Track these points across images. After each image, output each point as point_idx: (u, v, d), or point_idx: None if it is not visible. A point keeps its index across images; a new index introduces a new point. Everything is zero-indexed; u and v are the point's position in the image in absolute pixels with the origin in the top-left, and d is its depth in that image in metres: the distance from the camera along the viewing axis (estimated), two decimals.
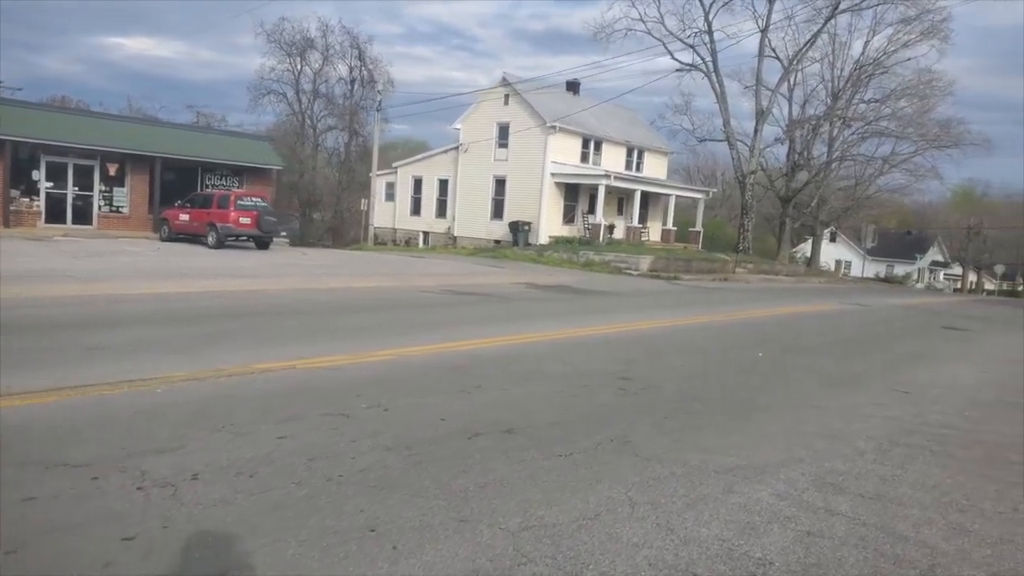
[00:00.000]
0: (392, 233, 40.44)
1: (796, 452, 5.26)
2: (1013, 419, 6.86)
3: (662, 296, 18.72)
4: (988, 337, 14.01)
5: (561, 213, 34.63)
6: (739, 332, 12.08)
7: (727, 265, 32.42)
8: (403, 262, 23.82)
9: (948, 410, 7.02)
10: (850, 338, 12.30)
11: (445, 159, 37.67)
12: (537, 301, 14.86)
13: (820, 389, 7.63)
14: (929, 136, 40.32)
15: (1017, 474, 5.15)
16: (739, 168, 38.40)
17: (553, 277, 21.43)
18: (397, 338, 8.73)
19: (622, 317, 12.86)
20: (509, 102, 34.51)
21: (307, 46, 71.94)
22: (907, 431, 6.09)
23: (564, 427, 5.46)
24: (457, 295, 14.54)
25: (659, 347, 9.69)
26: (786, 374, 8.37)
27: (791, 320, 14.81)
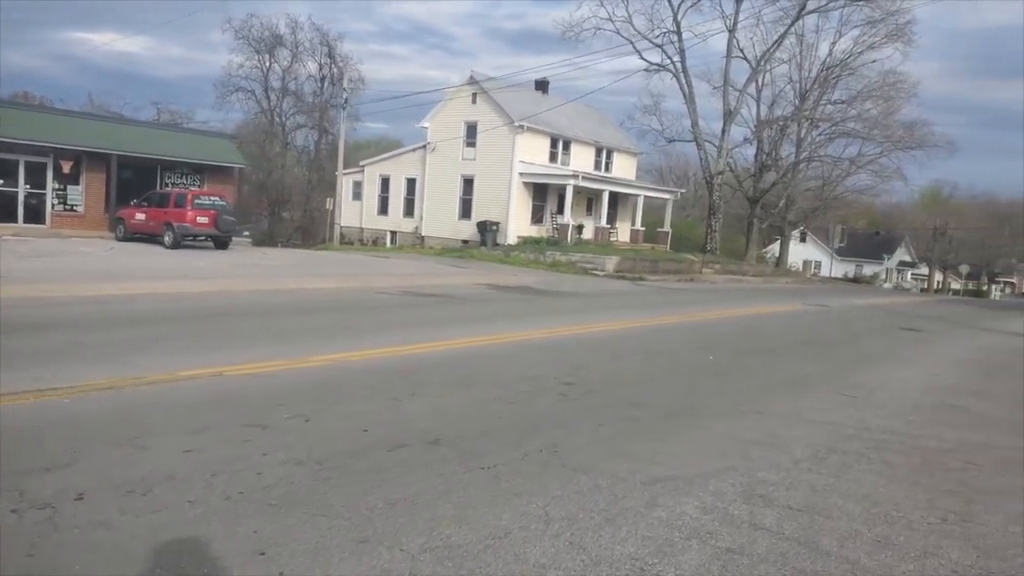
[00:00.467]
0: (359, 233, 40.02)
1: (730, 460, 5.12)
2: (955, 423, 6.79)
3: (624, 297, 18.63)
4: (943, 338, 14.07)
5: (530, 213, 34.48)
6: (695, 334, 11.99)
7: (694, 266, 32.48)
8: (365, 262, 23.50)
9: (892, 415, 6.94)
10: (806, 340, 12.27)
11: (413, 158, 37.35)
12: (496, 303, 14.68)
13: (766, 393, 7.52)
14: (894, 137, 40.78)
15: (952, 481, 5.06)
16: (707, 168, 38.55)
17: (517, 278, 21.26)
18: (341, 342, 8.50)
19: (579, 319, 12.72)
20: (477, 101, 34.28)
21: (276, 43, 71.05)
22: (847, 437, 5.99)
23: (494, 436, 5.27)
24: (415, 296, 14.31)
25: (610, 350, 9.54)
26: (734, 378, 8.26)
27: (749, 321, 14.78)
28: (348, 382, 6.66)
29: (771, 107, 41.49)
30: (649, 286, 23.23)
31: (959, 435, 6.34)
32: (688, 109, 37.67)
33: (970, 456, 5.70)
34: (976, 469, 5.38)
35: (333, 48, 71.18)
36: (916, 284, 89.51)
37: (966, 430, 6.55)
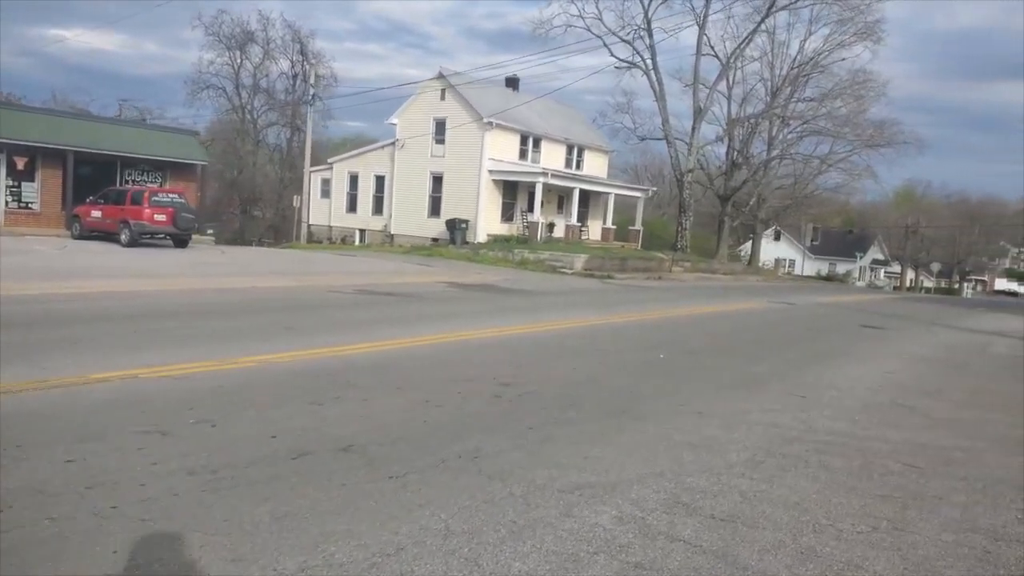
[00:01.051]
0: (328, 231, 39.50)
1: (660, 465, 4.87)
2: (904, 423, 6.60)
3: (587, 295, 18.41)
4: (903, 335, 13.98)
5: (499, 211, 34.21)
6: (651, 332, 11.77)
7: (663, 264, 32.38)
8: (328, 260, 23.10)
9: (839, 415, 6.74)
10: (764, 338, 12.10)
11: (382, 155, 36.91)
12: (453, 301, 14.38)
13: (713, 393, 7.29)
14: (864, 136, 41.00)
15: (890, 486, 4.84)
16: (677, 167, 38.49)
17: (481, 276, 20.97)
18: (274, 342, 8.15)
19: (535, 317, 12.45)
20: (446, 97, 33.93)
21: (247, 39, 70.25)
22: (789, 439, 5.77)
23: (413, 442, 4.97)
24: (369, 295, 13.97)
25: (559, 349, 9.28)
26: (682, 377, 8.03)
27: (710, 319, 14.60)
28: (270, 384, 6.33)
29: (742, 105, 41.56)
30: (615, 284, 23.03)
31: (905, 436, 6.14)
32: (658, 106, 37.63)
33: (913, 458, 5.50)
34: (917, 472, 5.18)
35: (305, 45, 70.48)
36: (889, 282, 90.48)
37: (913, 431, 6.36)
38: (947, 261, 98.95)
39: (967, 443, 6.05)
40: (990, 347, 12.72)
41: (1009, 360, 11.16)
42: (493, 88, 36.22)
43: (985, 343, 13.31)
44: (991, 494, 4.81)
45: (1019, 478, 5.19)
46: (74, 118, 30.41)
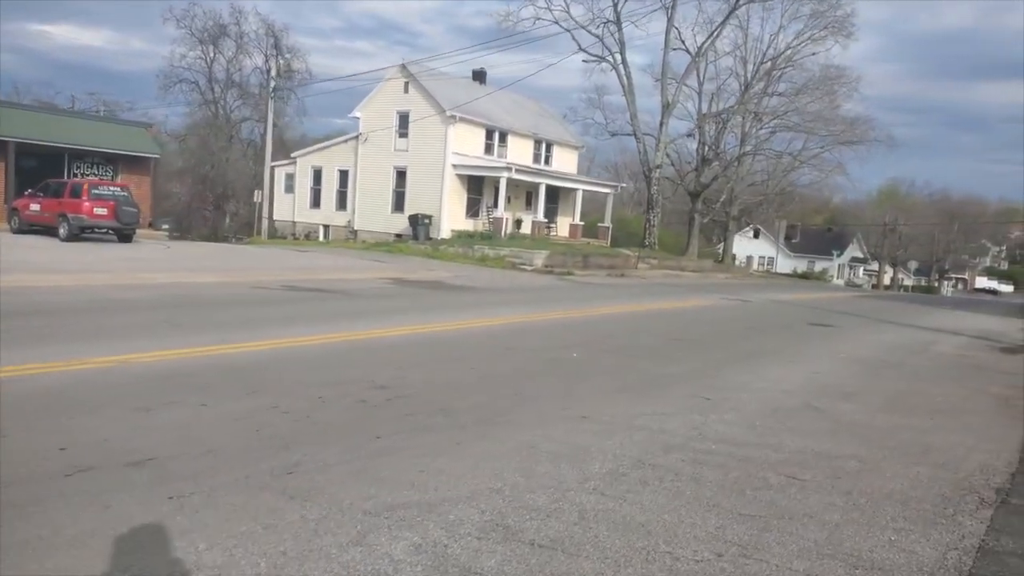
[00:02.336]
0: (292, 227, 38.75)
1: (505, 479, 4.33)
2: (807, 429, 6.10)
3: (536, 292, 17.89)
4: (850, 334, 13.54)
5: (464, 206, 33.62)
6: (581, 330, 11.25)
7: (629, 261, 31.93)
8: (276, 256, 22.45)
9: (739, 419, 6.24)
10: (698, 336, 11.60)
11: (345, 149, 36.19)
12: (385, 298, 13.80)
13: (610, 395, 6.77)
14: (835, 132, 40.75)
15: (761, 502, 4.32)
16: (645, 162, 38.05)
17: (433, 273, 20.40)
18: (146, 340, 7.55)
19: (468, 314, 11.91)
20: (409, 90, 33.28)
21: (220, 33, 69.22)
22: (669, 448, 5.25)
23: (226, 455, 4.41)
24: (295, 291, 13.37)
25: (471, 347, 8.75)
26: (586, 378, 7.51)
27: (651, 317, 14.11)
28: (108, 387, 5.74)
29: (712, 101, 41.17)
30: (572, 281, 22.52)
31: (802, 444, 5.64)
32: (627, 101, 37.16)
33: (800, 470, 4.99)
34: (798, 486, 4.67)
35: (279, 39, 69.58)
36: (868, 280, 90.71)
37: (814, 437, 5.86)
38: (926, 259, 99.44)
39: (867, 452, 5.56)
40: (934, 346, 12.29)
41: (948, 360, 10.73)
42: (458, 81, 35.62)
43: (930, 342, 12.89)
44: (870, 512, 4.31)
45: (909, 492, 4.70)
46: (18, 108, 29.51)
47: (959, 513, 4.39)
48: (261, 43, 69.84)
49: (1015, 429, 6.63)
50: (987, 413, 7.24)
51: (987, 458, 5.62)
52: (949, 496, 4.68)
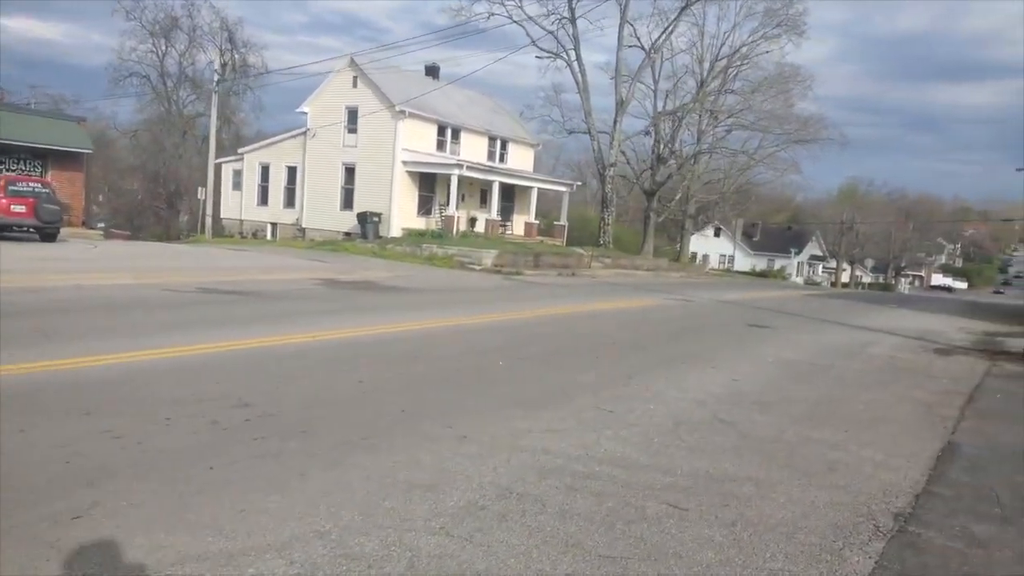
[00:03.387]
0: (239, 225, 37.74)
1: (338, 519, 3.79)
2: (708, 446, 5.65)
3: (476, 293, 17.35)
4: (786, 335, 13.21)
5: (416, 204, 32.96)
6: (505, 334, 10.72)
7: (582, 260, 31.56)
8: (211, 256, 21.61)
9: (637, 435, 5.77)
10: (627, 339, 11.15)
11: (293, 144, 35.28)
12: (305, 300, 13.14)
13: (505, 409, 6.25)
14: (789, 131, 40.87)
15: (628, 539, 3.84)
16: (600, 160, 37.72)
17: (371, 273, 19.74)
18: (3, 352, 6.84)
19: (388, 318, 11.32)
20: (358, 84, 32.50)
21: (172, 26, 67.55)
22: (546, 472, 4.75)
23: (13, 495, 3.80)
24: (208, 294, 12.65)
25: (371, 356, 8.17)
26: (486, 389, 6.98)
27: (586, 318, 13.65)
28: None
29: (667, 99, 41.02)
30: (519, 281, 22.03)
31: (697, 464, 5.18)
32: (582, 99, 36.82)
33: (686, 496, 4.52)
34: (677, 516, 4.20)
35: (233, 33, 68.25)
36: (828, 277, 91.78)
37: (713, 456, 5.41)
38: (883, 257, 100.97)
39: (767, 472, 5.11)
40: (869, 348, 12.00)
41: (879, 363, 10.41)
42: (410, 76, 34.92)
43: (867, 343, 12.61)
44: (750, 548, 3.85)
45: (800, 521, 4.25)
46: None
47: (848, 547, 3.96)
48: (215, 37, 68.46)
49: (931, 441, 6.27)
50: (906, 423, 6.87)
51: (894, 476, 5.22)
52: (842, 525, 4.25)
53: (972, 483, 5.20)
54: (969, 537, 4.19)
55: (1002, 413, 7.65)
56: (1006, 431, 6.82)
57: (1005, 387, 9.14)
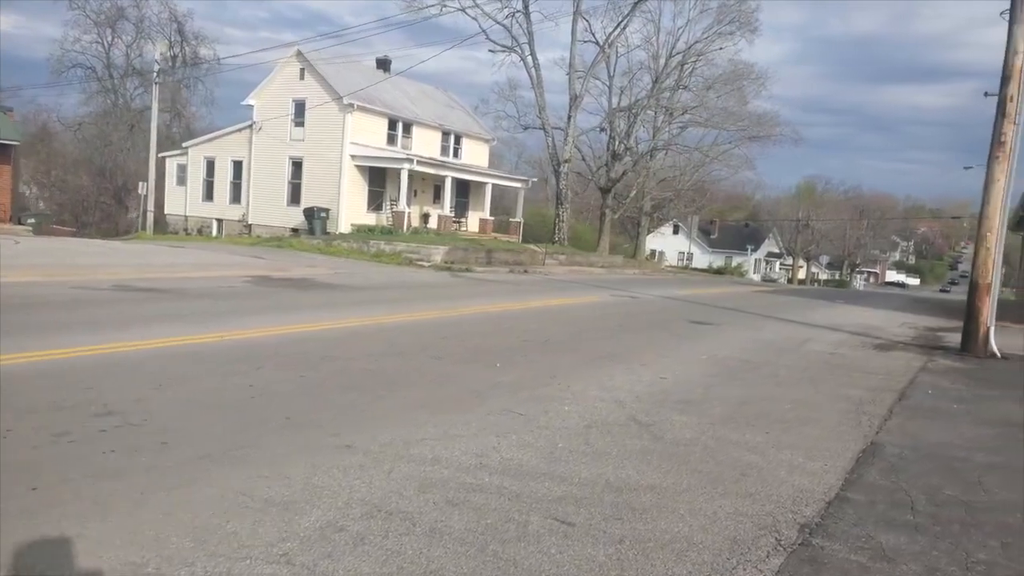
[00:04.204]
0: (184, 221, 36.65)
1: (163, 549, 3.31)
2: (615, 450, 5.26)
3: (418, 290, 16.86)
4: (727, 331, 12.97)
5: (365, 199, 32.28)
6: (436, 331, 10.26)
7: (536, 256, 31.20)
8: (144, 253, 20.77)
9: (542, 440, 5.37)
10: (562, 336, 10.76)
11: (239, 138, 34.30)
12: (228, 298, 12.54)
13: (406, 413, 5.81)
14: (741, 126, 41.00)
15: (493, 568, 3.42)
16: (554, 156, 37.42)
17: (311, 269, 19.12)
18: None
19: (313, 316, 10.79)
20: (305, 77, 31.70)
21: (118, 16, 65.74)
22: (428, 485, 4.31)
23: None
24: (125, 292, 11.99)
25: (276, 356, 7.65)
26: (392, 392, 6.53)
27: (527, 315, 13.26)
28: None
29: (622, 95, 40.84)
30: (467, 278, 21.57)
31: (600, 471, 4.80)
32: (536, 94, 36.44)
33: (577, 508, 4.13)
34: (562, 533, 3.80)
35: (183, 25, 66.75)
36: (784, 274, 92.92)
37: (619, 462, 5.03)
38: (838, 254, 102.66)
39: (674, 479, 4.75)
40: (809, 344, 11.80)
41: (816, 359, 10.18)
42: (359, 68, 34.17)
43: (807, 339, 12.41)
44: (632, 570, 3.47)
45: (696, 536, 3.88)
46: None
47: (742, 564, 3.59)
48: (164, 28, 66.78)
49: (854, 441, 5.98)
50: (832, 422, 6.58)
51: (808, 481, 4.89)
52: (741, 539, 3.89)
53: (889, 486, 4.90)
54: (875, 549, 3.86)
55: (930, 409, 7.42)
56: (931, 428, 6.57)
57: (937, 383, 8.96)
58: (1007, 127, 11.00)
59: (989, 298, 11.46)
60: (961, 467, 5.45)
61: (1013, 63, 10.87)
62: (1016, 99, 10.93)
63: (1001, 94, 11.05)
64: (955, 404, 7.75)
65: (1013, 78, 10.88)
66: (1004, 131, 11.03)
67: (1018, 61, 10.82)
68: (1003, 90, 11.03)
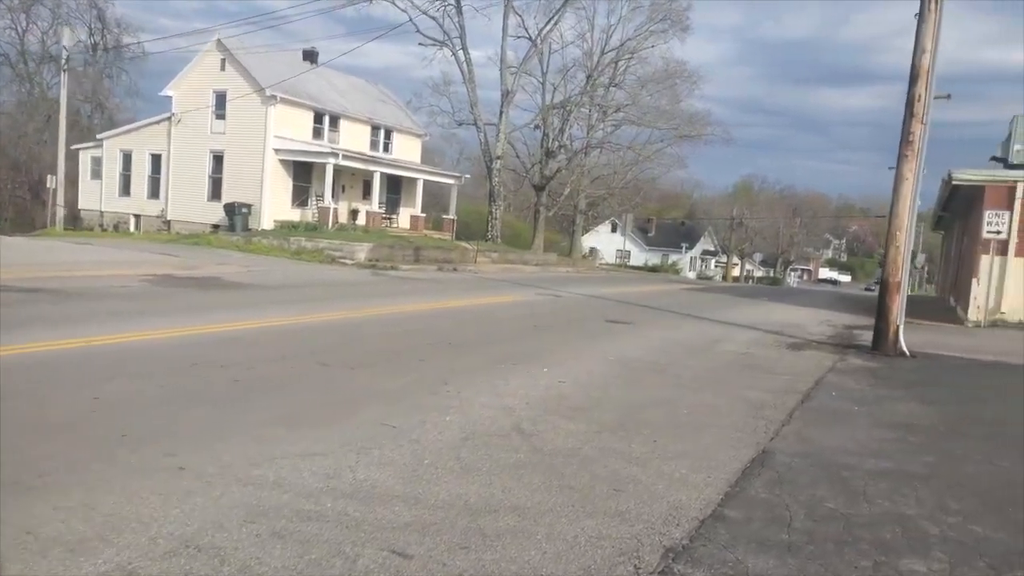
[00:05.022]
0: (99, 217, 35.02)
1: None
2: (486, 465, 4.86)
3: (332, 289, 16.23)
4: (642, 331, 12.75)
5: (290, 195, 31.31)
6: (334, 335, 9.74)
7: (467, 254, 30.74)
8: (44, 249, 19.64)
9: (407, 456, 4.93)
10: (469, 337, 10.35)
11: (158, 130, 32.92)
12: (121, 299, 11.77)
13: (263, 428, 5.29)
14: (675, 125, 41.28)
15: None
16: (487, 152, 37.01)
17: (222, 267, 18.29)
18: None
19: (212, 318, 10.15)
20: (226, 67, 30.56)
21: (33, 1, 62.76)
22: (257, 513, 3.83)
23: None
24: (3, 293, 11.10)
25: (143, 362, 7.03)
26: (255, 403, 6.00)
27: (442, 315, 12.81)
28: None
29: (555, 92, 40.68)
30: (389, 277, 20.99)
31: (462, 490, 4.38)
32: (467, 89, 35.98)
33: (421, 537, 3.70)
34: (393, 569, 3.37)
35: (103, 11, 64.20)
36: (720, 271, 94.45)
37: (486, 478, 4.62)
38: (772, 252, 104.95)
39: (542, 498, 4.36)
40: (722, 343, 11.65)
41: (725, 360, 10.00)
42: (284, 59, 33.09)
43: (720, 338, 12.28)
44: None
45: (546, 568, 3.49)
46: None
47: None
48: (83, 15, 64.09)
49: (746, 449, 5.71)
50: (727, 428, 6.32)
51: (687, 496, 4.57)
52: (596, 569, 3.52)
53: (770, 500, 4.61)
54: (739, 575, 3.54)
55: (831, 412, 7.24)
56: (828, 434, 6.36)
57: (843, 383, 8.84)
58: (915, 126, 11.02)
59: (899, 296, 11.48)
60: (849, 475, 5.21)
61: (920, 63, 10.89)
62: (924, 98, 10.96)
63: (910, 94, 11.07)
64: (856, 406, 7.61)
65: (921, 77, 10.90)
66: (912, 130, 11.05)
67: (925, 60, 10.84)
68: (911, 89, 11.05)
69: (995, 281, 16.39)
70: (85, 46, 63.35)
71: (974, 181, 17.09)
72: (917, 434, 6.52)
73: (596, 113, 40.94)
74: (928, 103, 10.84)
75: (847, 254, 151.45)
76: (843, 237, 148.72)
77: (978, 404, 8.41)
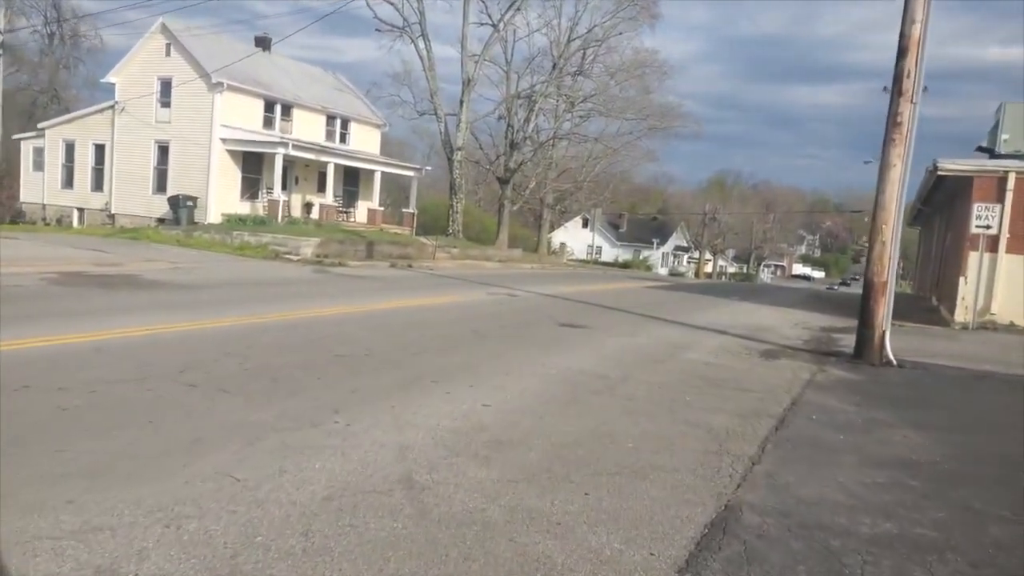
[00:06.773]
0: (42, 210, 33.05)
1: None
2: (339, 545, 3.48)
3: (259, 289, 14.75)
4: (597, 336, 11.42)
5: (239, 187, 29.64)
6: (224, 345, 8.27)
7: (425, 250, 29.29)
8: None
9: (233, 530, 3.53)
10: (384, 349, 8.91)
11: (101, 120, 31.05)
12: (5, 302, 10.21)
13: (53, 484, 3.87)
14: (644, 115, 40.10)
15: None
16: (447, 144, 35.53)
17: (148, 264, 16.70)
18: None
19: (81, 325, 8.66)
20: (171, 52, 28.80)
21: None
22: None
23: None
24: None
25: None
26: (70, 443, 4.57)
27: (376, 318, 11.38)
28: None
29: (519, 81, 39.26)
30: (334, 274, 19.49)
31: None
32: (427, 77, 34.46)
33: None
34: None
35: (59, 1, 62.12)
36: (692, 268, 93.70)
37: (337, 566, 3.25)
38: (745, 247, 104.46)
39: None
40: (686, 351, 10.35)
41: (688, 372, 8.69)
42: (233, 45, 31.38)
43: (685, 345, 10.99)
44: None
45: None
46: None
47: None
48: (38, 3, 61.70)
49: (704, 503, 4.39)
50: (681, 472, 4.99)
51: None
52: None
53: None
54: None
55: (811, 445, 5.96)
56: (808, 478, 5.06)
57: (824, 402, 7.58)
58: (904, 106, 9.80)
59: (885, 298, 10.25)
60: (840, 547, 3.91)
61: (910, 33, 9.67)
62: (914, 75, 9.74)
63: (897, 69, 9.85)
64: (840, 434, 6.33)
65: (910, 50, 9.68)
66: (900, 111, 9.83)
67: (915, 31, 9.62)
68: (899, 64, 9.82)
69: (984, 280, 15.33)
70: (41, 35, 61.10)
71: (962, 171, 16.01)
72: (918, 476, 5.25)
73: (563, 103, 39.63)
74: (918, 80, 9.63)
75: (821, 250, 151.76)
76: (816, 233, 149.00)
77: (983, 431, 7.19)
